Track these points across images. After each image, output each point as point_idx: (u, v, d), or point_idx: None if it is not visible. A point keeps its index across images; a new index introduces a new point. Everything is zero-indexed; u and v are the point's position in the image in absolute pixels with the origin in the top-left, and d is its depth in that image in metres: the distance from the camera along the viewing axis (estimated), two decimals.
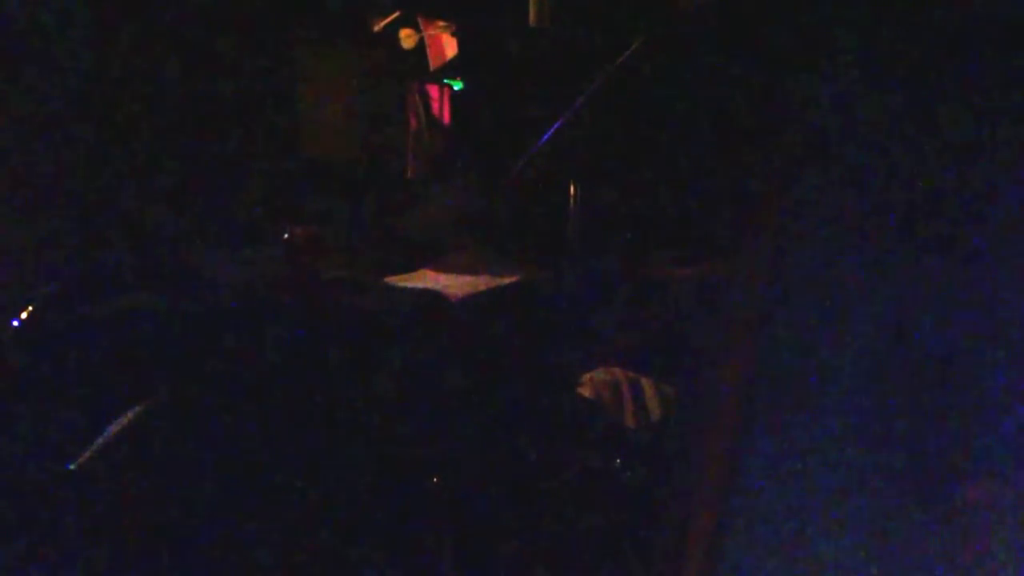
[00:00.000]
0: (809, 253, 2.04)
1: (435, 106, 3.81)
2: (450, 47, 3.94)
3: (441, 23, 3.94)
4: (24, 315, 2.57)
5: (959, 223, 1.93)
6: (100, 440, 2.48)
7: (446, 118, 3.79)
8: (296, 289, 2.94)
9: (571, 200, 3.37)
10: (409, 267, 3.20)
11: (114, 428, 2.49)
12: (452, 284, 3.02)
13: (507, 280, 3.03)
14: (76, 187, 3.12)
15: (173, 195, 3.32)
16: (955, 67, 1.96)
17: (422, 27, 3.94)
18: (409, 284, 3.07)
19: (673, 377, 2.83)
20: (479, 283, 3.02)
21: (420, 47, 3.93)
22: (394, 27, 3.90)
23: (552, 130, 3.28)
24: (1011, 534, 1.82)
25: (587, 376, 2.90)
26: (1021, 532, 1.82)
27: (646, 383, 2.89)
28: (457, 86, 3.83)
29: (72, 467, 2.46)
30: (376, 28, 3.89)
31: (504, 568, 2.62)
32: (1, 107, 3.06)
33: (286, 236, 3.00)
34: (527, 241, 3.33)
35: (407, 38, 3.91)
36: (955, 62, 1.96)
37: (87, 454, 2.46)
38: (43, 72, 3.10)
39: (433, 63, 3.93)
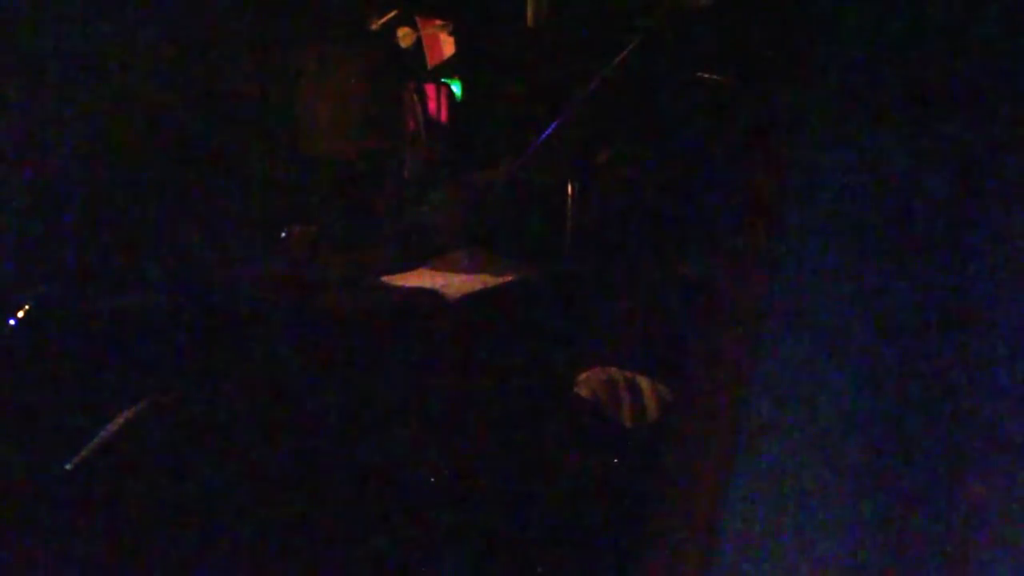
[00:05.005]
0: (807, 253, 2.04)
1: (433, 105, 3.81)
2: (448, 46, 3.94)
3: (439, 22, 3.94)
4: (20, 314, 2.57)
5: (958, 223, 1.93)
6: (97, 439, 2.48)
7: (444, 117, 3.79)
8: (294, 288, 2.94)
9: (569, 199, 3.37)
10: (407, 266, 3.20)
11: (111, 427, 2.50)
12: (450, 283, 3.01)
13: (505, 279, 3.03)
14: (76, 187, 3.12)
15: (171, 195, 3.32)
16: (955, 67, 1.96)
17: (420, 26, 3.94)
18: (407, 283, 3.06)
19: (670, 377, 2.83)
20: (477, 282, 3.02)
21: (418, 46, 3.93)
22: (392, 26, 3.90)
23: (550, 129, 3.29)
24: (1011, 534, 1.83)
25: (584, 375, 2.90)
26: (1021, 532, 1.82)
27: (643, 383, 2.89)
28: (455, 85, 3.84)
29: (69, 466, 2.46)
30: (374, 27, 3.89)
31: (502, 568, 2.62)
32: (1, 107, 3.06)
33: (284, 235, 3.00)
34: (525, 241, 3.33)
35: (405, 37, 3.91)
36: (955, 61, 1.96)
37: (84, 453, 2.46)
38: (42, 72, 3.10)
39: (431, 62, 3.94)
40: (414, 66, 3.90)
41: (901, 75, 2.01)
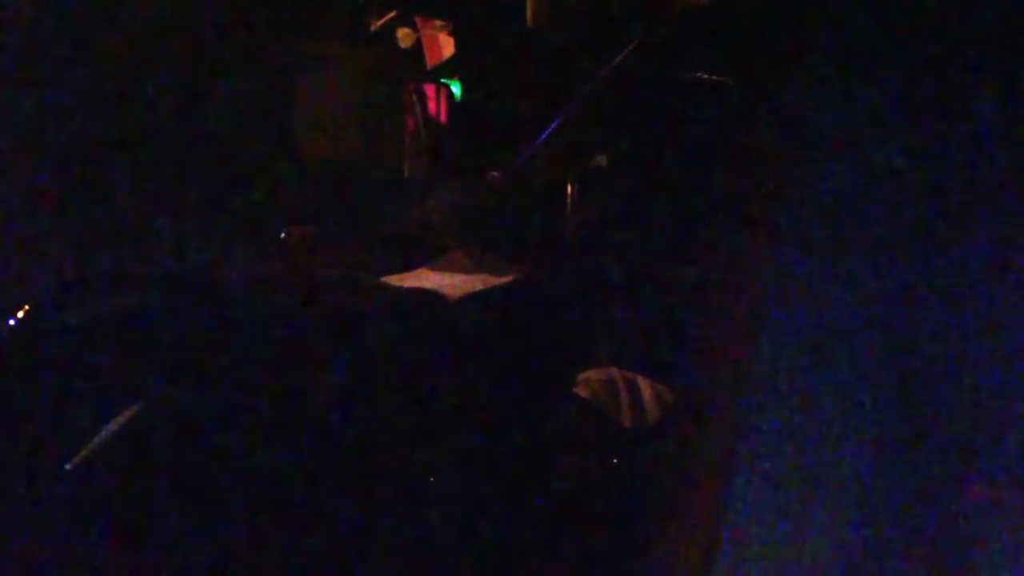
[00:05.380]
0: (806, 254, 2.03)
1: (432, 106, 3.80)
2: (447, 47, 3.93)
3: (438, 23, 3.94)
4: (20, 315, 2.57)
5: (959, 226, 1.93)
6: (96, 440, 2.48)
7: (443, 118, 3.79)
8: (293, 289, 2.94)
9: (568, 200, 3.37)
10: (407, 267, 3.19)
11: (111, 428, 2.49)
12: (450, 284, 3.01)
13: (504, 280, 3.03)
14: (76, 187, 3.12)
15: (170, 195, 3.32)
16: (952, 67, 1.96)
17: (419, 27, 3.93)
18: (407, 284, 3.06)
19: (670, 377, 2.83)
20: (477, 283, 3.01)
21: (417, 47, 3.93)
22: (391, 26, 3.90)
23: (550, 130, 3.28)
24: (1010, 535, 1.82)
25: (584, 376, 2.90)
26: (1020, 533, 1.82)
27: (643, 383, 2.89)
28: (455, 86, 3.83)
29: (68, 467, 2.45)
30: (373, 27, 3.88)
31: (500, 568, 2.62)
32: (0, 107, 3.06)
33: (283, 236, 2.99)
34: (525, 241, 3.33)
35: (404, 37, 3.91)
36: (952, 62, 1.96)
37: (84, 454, 2.46)
38: (42, 71, 3.10)
39: (430, 63, 3.93)
40: (413, 66, 3.89)
41: (901, 77, 2.01)
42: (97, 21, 3.20)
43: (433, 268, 3.17)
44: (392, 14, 3.87)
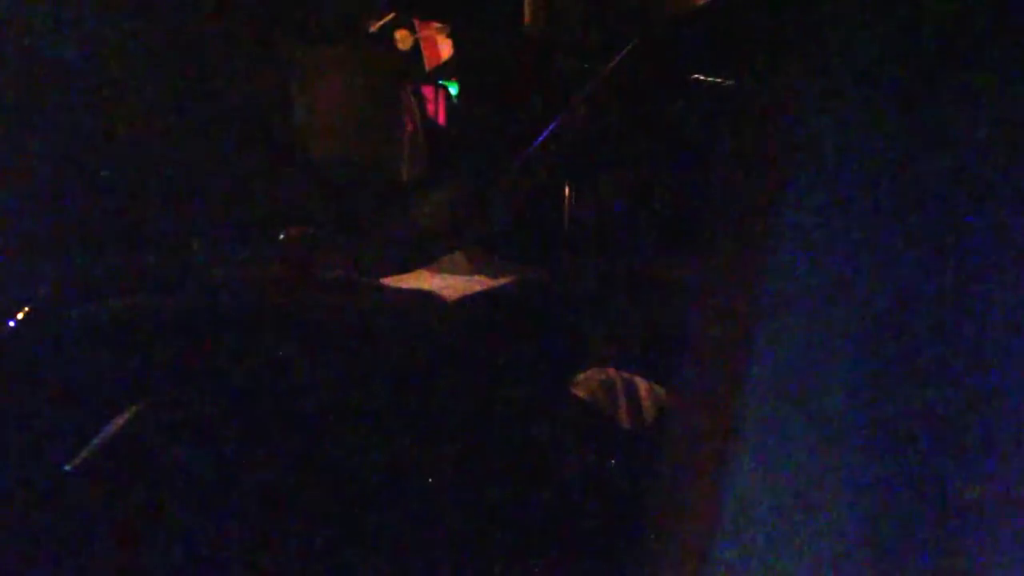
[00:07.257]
0: (803, 252, 2.04)
1: (431, 107, 3.82)
2: (445, 49, 3.95)
3: (436, 25, 3.95)
4: (20, 315, 2.57)
5: (956, 222, 1.93)
6: (96, 441, 2.48)
7: (442, 119, 3.80)
8: (292, 290, 2.94)
9: (566, 201, 3.38)
10: (405, 268, 3.20)
11: (111, 429, 2.49)
12: (448, 285, 3.02)
13: (503, 281, 3.04)
14: (76, 187, 3.12)
15: (171, 195, 3.33)
16: (950, 64, 1.96)
17: (418, 29, 3.95)
18: (405, 285, 3.07)
19: (667, 377, 2.84)
20: (475, 284, 3.02)
21: (416, 49, 3.94)
22: (390, 29, 3.91)
23: (548, 131, 3.29)
24: (1010, 537, 1.83)
25: (582, 376, 2.90)
26: (1020, 534, 1.82)
27: (640, 384, 2.89)
28: (453, 87, 3.85)
29: (68, 468, 2.46)
30: (372, 30, 3.90)
31: (500, 568, 2.62)
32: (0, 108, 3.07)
33: (282, 237, 3.00)
34: (523, 242, 3.34)
35: (403, 40, 3.92)
36: (950, 59, 1.96)
37: (84, 455, 2.46)
38: (42, 72, 3.11)
39: (429, 64, 3.94)
40: (412, 68, 3.90)
41: (900, 77, 2.01)
42: (98, 23, 3.21)
43: (432, 270, 3.18)
44: (391, 16, 3.89)
